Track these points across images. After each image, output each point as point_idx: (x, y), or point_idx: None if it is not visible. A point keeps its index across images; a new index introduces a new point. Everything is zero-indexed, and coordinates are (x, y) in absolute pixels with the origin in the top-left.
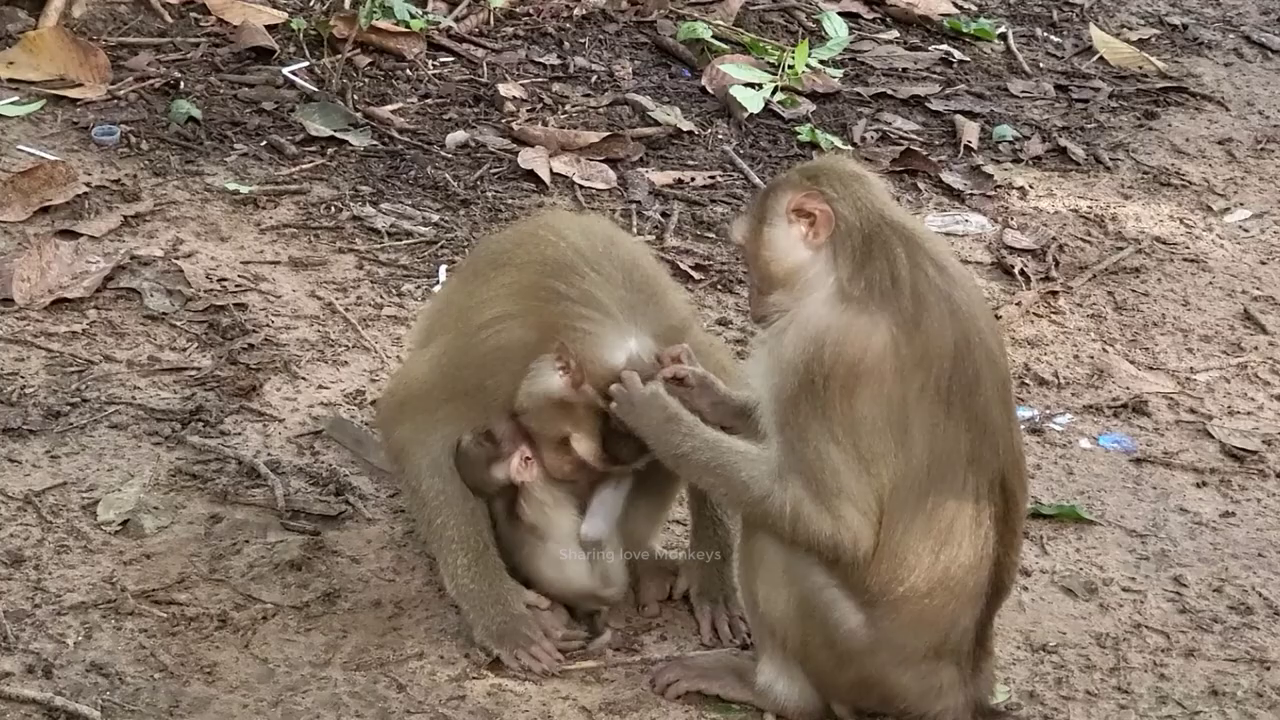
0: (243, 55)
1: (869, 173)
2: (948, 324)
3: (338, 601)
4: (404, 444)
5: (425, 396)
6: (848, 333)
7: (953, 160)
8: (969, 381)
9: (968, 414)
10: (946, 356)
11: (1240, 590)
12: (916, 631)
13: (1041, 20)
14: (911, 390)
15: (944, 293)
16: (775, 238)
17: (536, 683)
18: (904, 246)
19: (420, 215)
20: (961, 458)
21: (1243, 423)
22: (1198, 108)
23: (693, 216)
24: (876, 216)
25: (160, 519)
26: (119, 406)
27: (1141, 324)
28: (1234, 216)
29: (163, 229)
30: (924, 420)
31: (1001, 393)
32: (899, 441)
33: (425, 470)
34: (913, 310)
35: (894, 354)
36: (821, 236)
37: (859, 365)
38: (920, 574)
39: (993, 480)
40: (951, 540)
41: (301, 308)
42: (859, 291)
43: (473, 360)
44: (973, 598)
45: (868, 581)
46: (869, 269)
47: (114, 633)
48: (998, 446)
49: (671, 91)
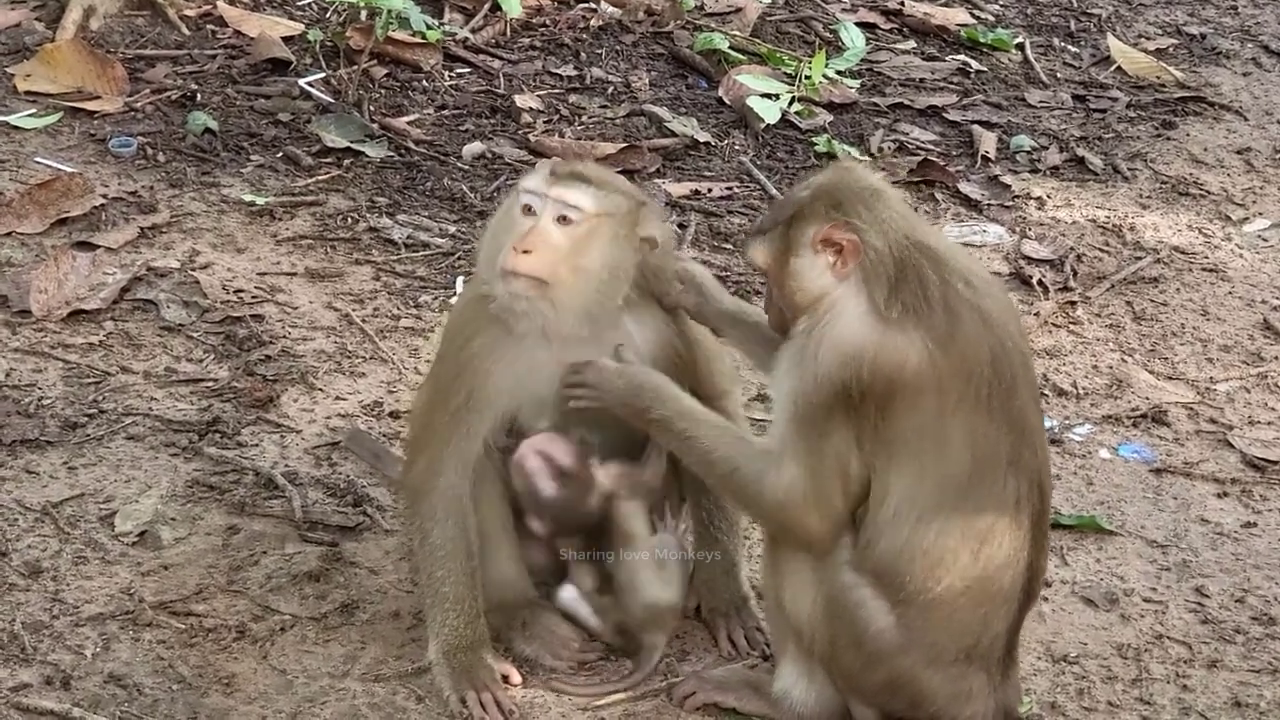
0: (259, 67)
1: (885, 184)
2: (982, 333)
3: (356, 613)
4: (416, 486)
5: (427, 418)
6: (884, 351)
7: (970, 170)
8: (1007, 386)
9: (1008, 418)
10: (985, 364)
11: (1263, 601)
12: (949, 632)
13: (1059, 30)
14: (949, 401)
15: (974, 304)
16: (802, 268)
17: (556, 692)
18: (932, 265)
19: (437, 227)
20: (1002, 460)
21: (1263, 433)
22: (1216, 117)
23: (710, 227)
24: (902, 238)
25: (178, 530)
26: (136, 418)
27: (1160, 334)
28: (1253, 226)
29: (179, 240)
30: (964, 427)
31: (1033, 393)
32: (936, 450)
33: (438, 514)
34: (946, 325)
35: (931, 369)
36: (850, 266)
37: (896, 382)
38: (958, 574)
39: (1032, 481)
40: (991, 540)
41: (318, 319)
42: (896, 314)
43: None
44: (1007, 600)
45: (901, 581)
46: (902, 292)
47: (132, 644)
48: (1036, 447)
49: (688, 102)
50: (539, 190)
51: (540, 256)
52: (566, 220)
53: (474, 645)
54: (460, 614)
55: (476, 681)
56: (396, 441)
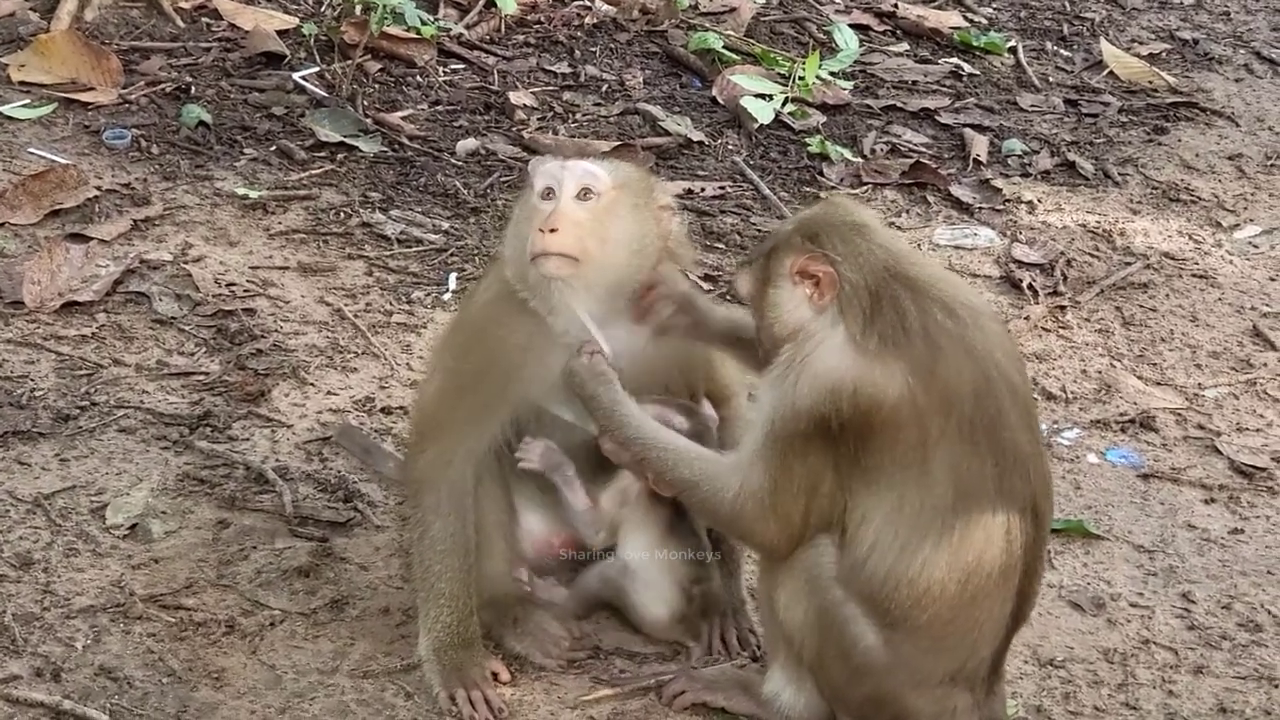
0: (253, 60)
1: (870, 218)
2: (965, 365)
3: (346, 608)
4: (422, 478)
5: (440, 411)
6: (863, 384)
7: (962, 174)
8: (992, 417)
9: (994, 448)
10: (967, 398)
11: (1249, 607)
12: (936, 657)
13: (1052, 34)
14: (931, 434)
15: (957, 335)
16: (780, 299)
17: (546, 691)
18: (911, 297)
19: (430, 222)
20: (989, 492)
21: (1251, 439)
22: (1208, 123)
23: (702, 227)
24: (881, 270)
25: (168, 523)
26: (128, 410)
27: (1149, 339)
28: (1243, 233)
29: (172, 233)
30: (946, 458)
31: (1026, 419)
32: (917, 481)
33: (443, 508)
34: (927, 357)
35: (910, 402)
36: (826, 298)
37: (875, 415)
38: (945, 604)
39: (1024, 507)
40: (979, 571)
41: (310, 314)
42: (873, 345)
43: (475, 344)
44: (995, 626)
45: (887, 606)
46: (879, 323)
47: (122, 637)
48: (1028, 473)
49: (682, 101)
50: (554, 171)
51: (567, 233)
52: (588, 194)
53: (465, 642)
54: (454, 611)
55: (466, 679)
56: (388, 437)
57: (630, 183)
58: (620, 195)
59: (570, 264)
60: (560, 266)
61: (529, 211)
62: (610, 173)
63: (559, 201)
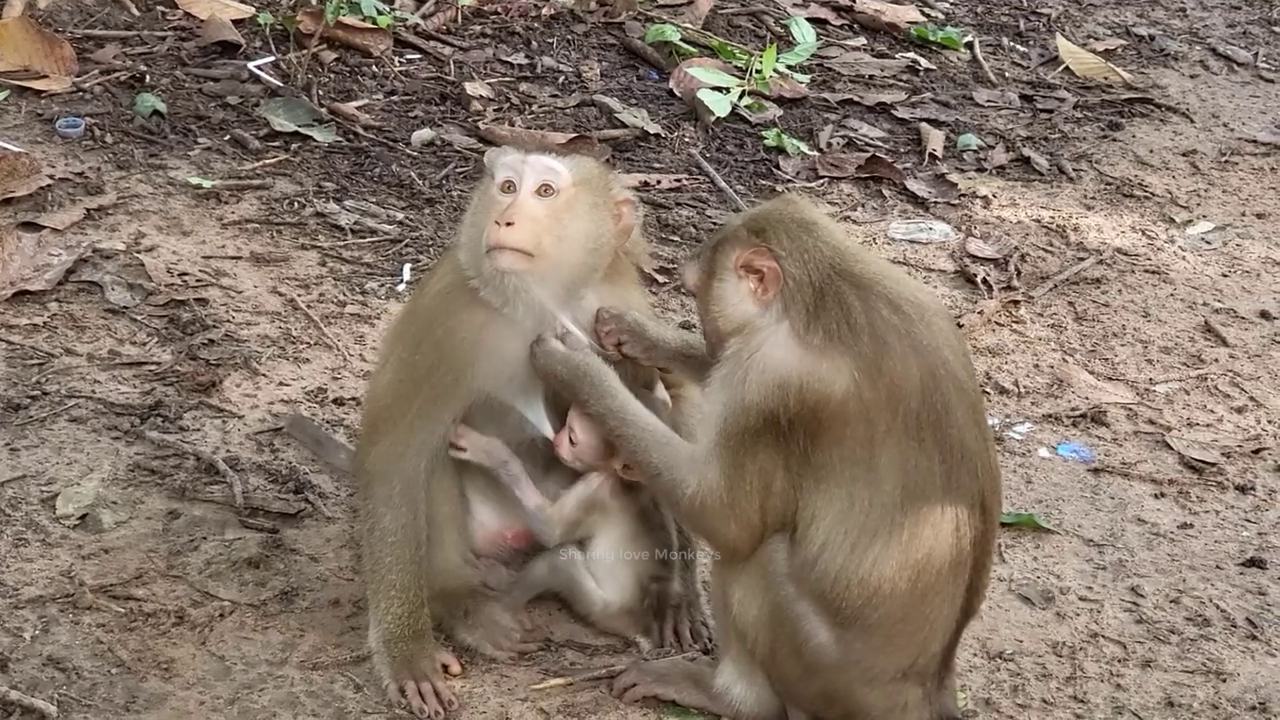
0: (208, 49)
1: (820, 215)
2: (911, 362)
3: (296, 600)
4: (374, 470)
5: (393, 402)
6: (810, 380)
7: (917, 168)
8: (938, 414)
9: (940, 445)
10: (913, 394)
11: (1197, 602)
12: (887, 655)
13: (1008, 30)
14: (878, 430)
15: (903, 331)
16: (725, 293)
17: (496, 683)
18: (857, 293)
19: (385, 213)
20: (937, 488)
21: (1202, 434)
22: (1162, 119)
23: (658, 219)
24: (826, 267)
25: (119, 514)
26: (79, 400)
27: (1101, 334)
28: (1196, 229)
29: (125, 222)
30: (893, 455)
31: (974, 415)
32: (866, 479)
33: (395, 499)
34: (873, 353)
35: (857, 398)
36: (770, 293)
37: (823, 411)
38: (896, 602)
39: (973, 503)
40: (929, 569)
41: (263, 304)
42: (818, 340)
43: (428, 335)
44: (945, 623)
45: (839, 604)
46: (823, 319)
47: (71, 627)
48: (976, 469)
49: (639, 94)
50: (515, 164)
51: (523, 228)
52: (547, 190)
53: (416, 634)
54: (404, 602)
55: (416, 671)
56: (340, 428)
57: (590, 180)
58: (580, 192)
59: (525, 259)
60: (515, 261)
61: (487, 203)
62: (571, 169)
63: (518, 195)
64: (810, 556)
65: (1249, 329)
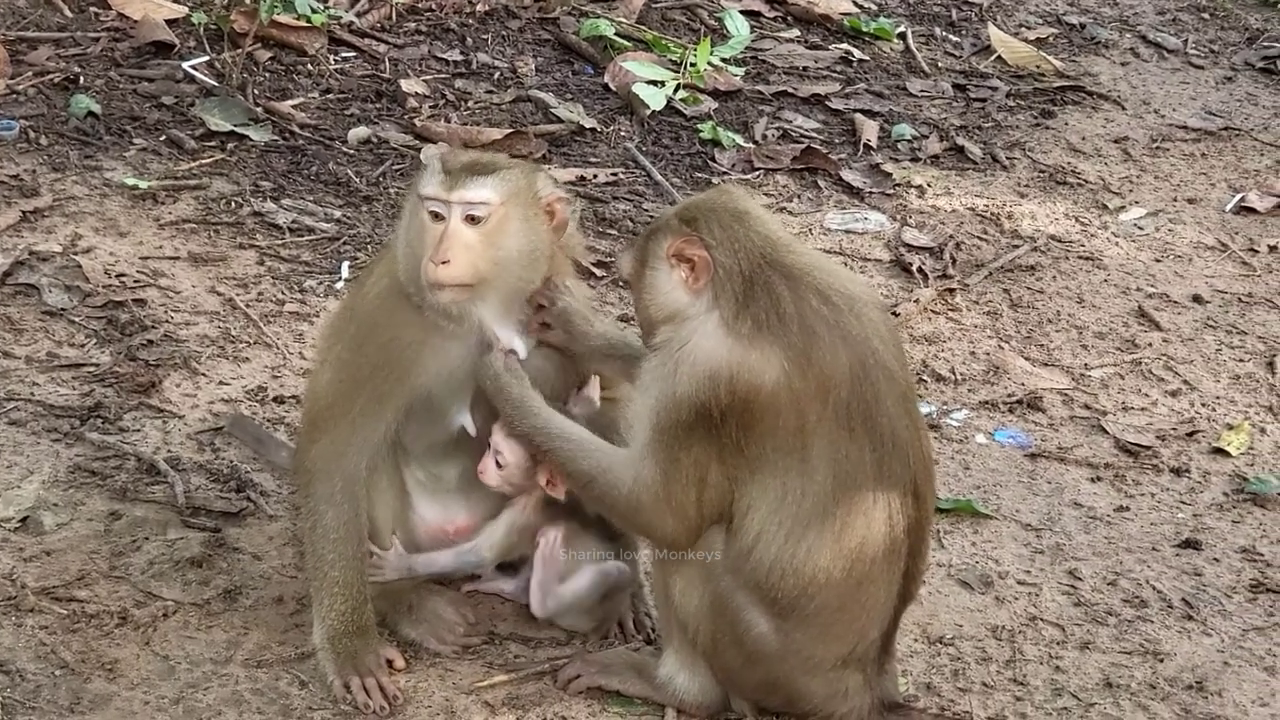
0: (143, 50)
1: (754, 206)
2: (840, 351)
3: (239, 598)
4: (315, 468)
5: (334, 401)
6: (741, 371)
7: (852, 159)
8: (868, 403)
9: (871, 434)
10: (843, 384)
11: (1134, 584)
12: (826, 643)
13: (940, 20)
14: (809, 420)
15: (832, 322)
16: (657, 281)
17: (441, 677)
18: (787, 284)
19: (322, 211)
20: (868, 477)
21: (1136, 418)
22: (1094, 107)
23: (595, 214)
24: (757, 257)
25: (60, 515)
26: (18, 403)
27: (1037, 321)
28: (1129, 215)
29: (61, 224)
30: (825, 445)
31: (905, 405)
32: (798, 469)
33: (336, 497)
34: (802, 343)
35: (788, 388)
36: (701, 282)
37: (754, 402)
38: (832, 591)
39: (905, 491)
40: (864, 557)
41: (201, 304)
42: (746, 329)
43: (369, 337)
44: (883, 611)
45: (775, 595)
46: (752, 308)
47: (14, 629)
48: (907, 457)
49: (574, 88)
50: (440, 196)
51: (460, 262)
52: (475, 220)
53: (360, 630)
54: (347, 599)
55: (361, 666)
56: (280, 427)
57: (517, 193)
58: (509, 210)
59: (466, 290)
60: (457, 295)
61: (419, 227)
62: (495, 188)
63: (448, 226)
64: (746, 547)
65: (1182, 313)
